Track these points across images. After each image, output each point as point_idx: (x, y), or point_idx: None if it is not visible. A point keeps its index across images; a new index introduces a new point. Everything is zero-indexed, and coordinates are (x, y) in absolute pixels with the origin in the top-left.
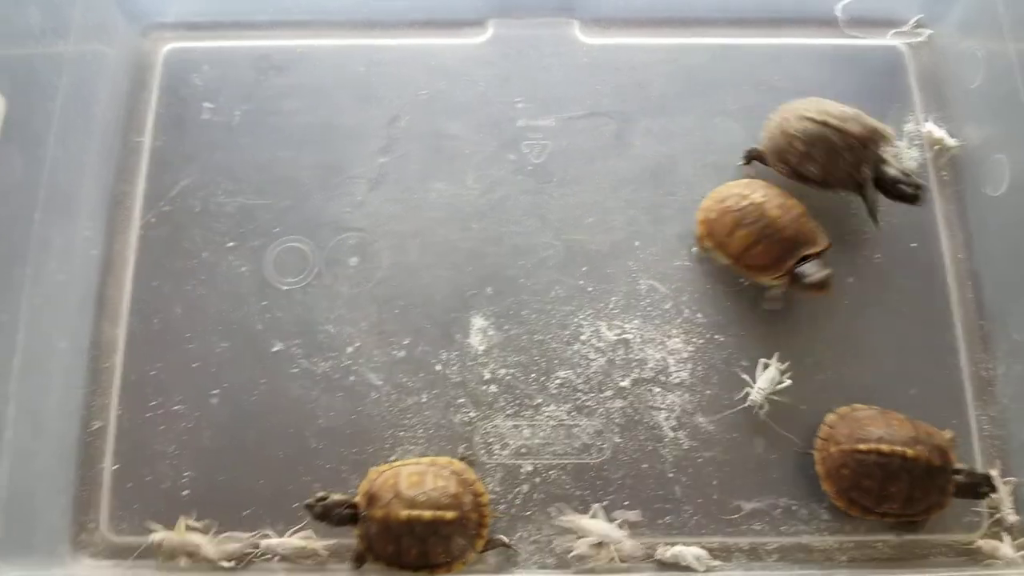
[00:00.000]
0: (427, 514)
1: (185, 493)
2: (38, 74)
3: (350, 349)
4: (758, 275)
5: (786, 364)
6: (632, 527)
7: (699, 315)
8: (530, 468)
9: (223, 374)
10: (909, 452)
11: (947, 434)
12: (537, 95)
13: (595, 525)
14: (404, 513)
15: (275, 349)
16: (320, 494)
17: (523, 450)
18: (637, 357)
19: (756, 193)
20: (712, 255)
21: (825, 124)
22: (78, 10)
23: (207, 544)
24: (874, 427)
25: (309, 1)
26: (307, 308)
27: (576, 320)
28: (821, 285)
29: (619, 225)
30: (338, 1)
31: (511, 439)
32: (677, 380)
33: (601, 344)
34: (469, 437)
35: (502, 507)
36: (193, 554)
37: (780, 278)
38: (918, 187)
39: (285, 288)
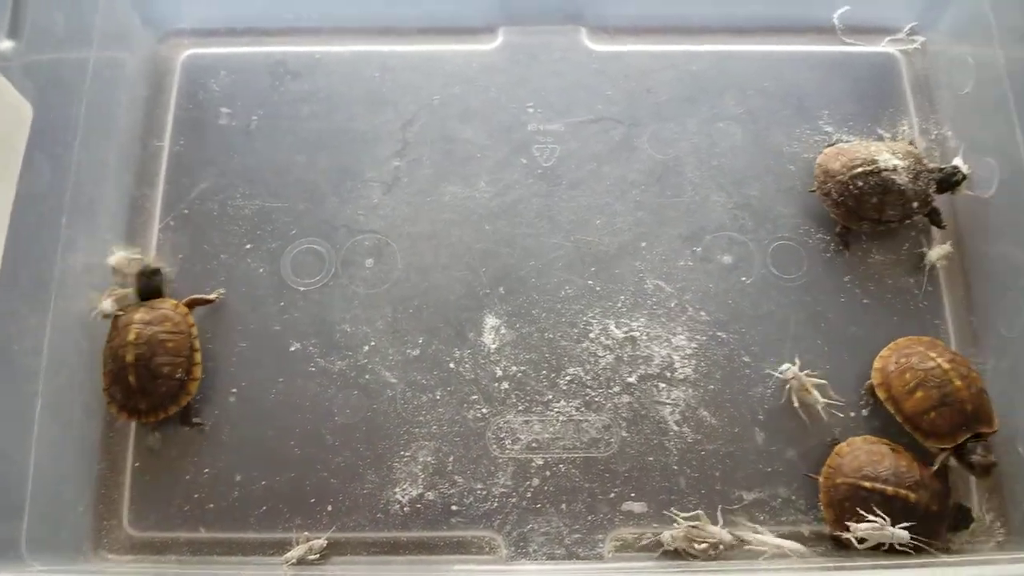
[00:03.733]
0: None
1: (204, 490)
2: (62, 81)
3: (366, 348)
4: (926, 439)
5: (791, 362)
6: (637, 518)
7: (702, 313)
8: (540, 462)
9: (241, 373)
10: (912, 497)
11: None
12: (547, 100)
13: (771, 539)
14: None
15: (292, 348)
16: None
17: (534, 444)
18: (643, 354)
19: (942, 357)
20: (880, 403)
21: (881, 171)
22: (99, 17)
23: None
24: (882, 466)
25: (324, 8)
26: (323, 308)
27: (585, 318)
28: (987, 470)
29: (626, 227)
30: (352, 8)
31: (522, 434)
32: (682, 376)
33: (609, 341)
34: (482, 433)
35: (513, 500)
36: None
37: (946, 449)
38: (957, 169)
39: (302, 289)
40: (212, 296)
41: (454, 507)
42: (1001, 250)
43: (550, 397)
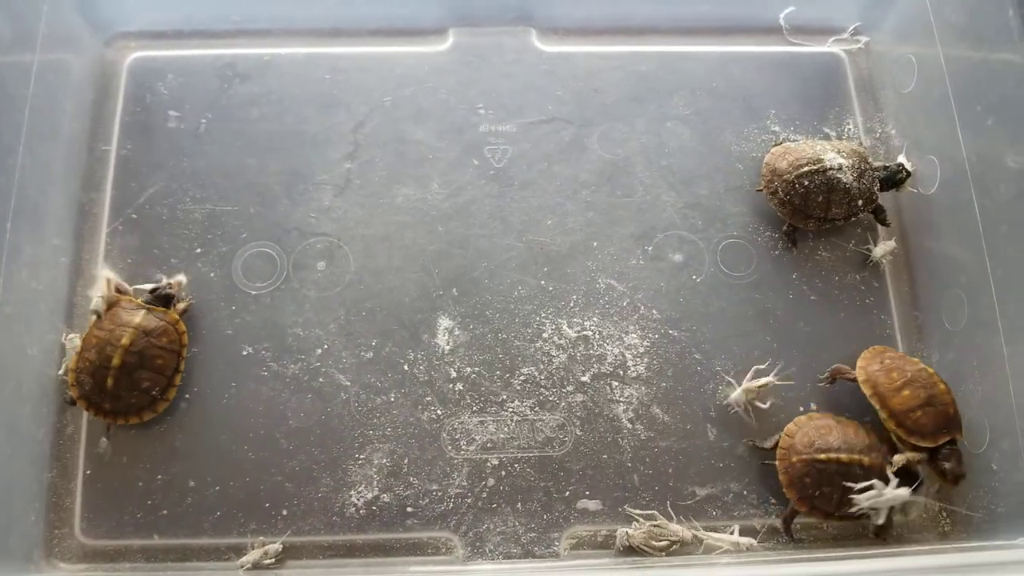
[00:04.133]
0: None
1: (157, 496)
2: (6, 85)
3: (319, 351)
4: (908, 436)
5: (733, 368)
6: (592, 516)
7: (654, 311)
8: (495, 462)
9: (193, 378)
10: (865, 460)
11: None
12: (498, 101)
13: (728, 539)
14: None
15: (245, 353)
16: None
17: (489, 445)
18: (596, 353)
19: (917, 361)
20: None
21: (826, 169)
22: (44, 21)
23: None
24: (831, 436)
25: (273, 10)
26: (276, 312)
27: (538, 318)
28: (957, 479)
29: (577, 226)
30: (302, 10)
31: (477, 435)
32: (634, 374)
33: (562, 341)
34: (437, 434)
35: (469, 500)
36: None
37: (924, 449)
38: (901, 167)
39: (253, 293)
40: (185, 303)
41: (410, 509)
42: (943, 247)
43: (504, 397)
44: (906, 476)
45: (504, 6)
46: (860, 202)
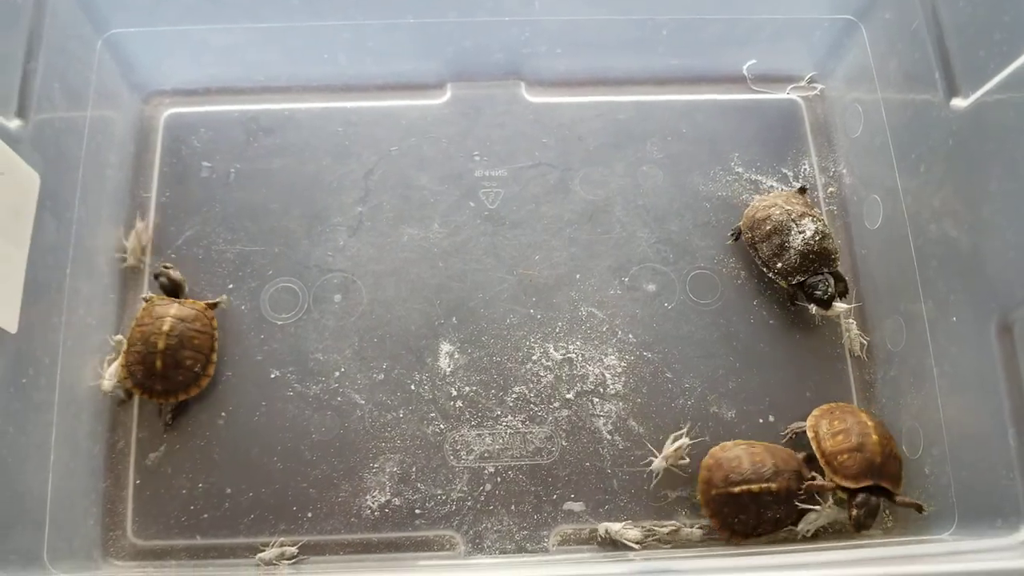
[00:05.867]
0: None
1: (199, 502)
2: (63, 147)
3: (337, 374)
4: (834, 475)
5: (700, 386)
6: (577, 516)
7: (630, 336)
8: (492, 470)
9: (228, 399)
10: (773, 487)
11: (800, 455)
12: (491, 149)
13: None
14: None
15: (273, 376)
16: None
17: (486, 455)
18: (579, 373)
19: (871, 420)
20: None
21: (794, 231)
22: (92, 85)
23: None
24: (742, 468)
25: (292, 69)
26: (299, 340)
27: (528, 343)
28: (859, 526)
29: (562, 260)
30: (317, 69)
31: (475, 446)
32: (613, 391)
33: (549, 363)
34: (440, 445)
35: (469, 503)
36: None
37: (846, 489)
38: (827, 293)
39: (279, 323)
40: (219, 300)
41: (417, 511)
42: (886, 277)
43: (499, 413)
44: (812, 497)
45: (495, 63)
46: (818, 264)
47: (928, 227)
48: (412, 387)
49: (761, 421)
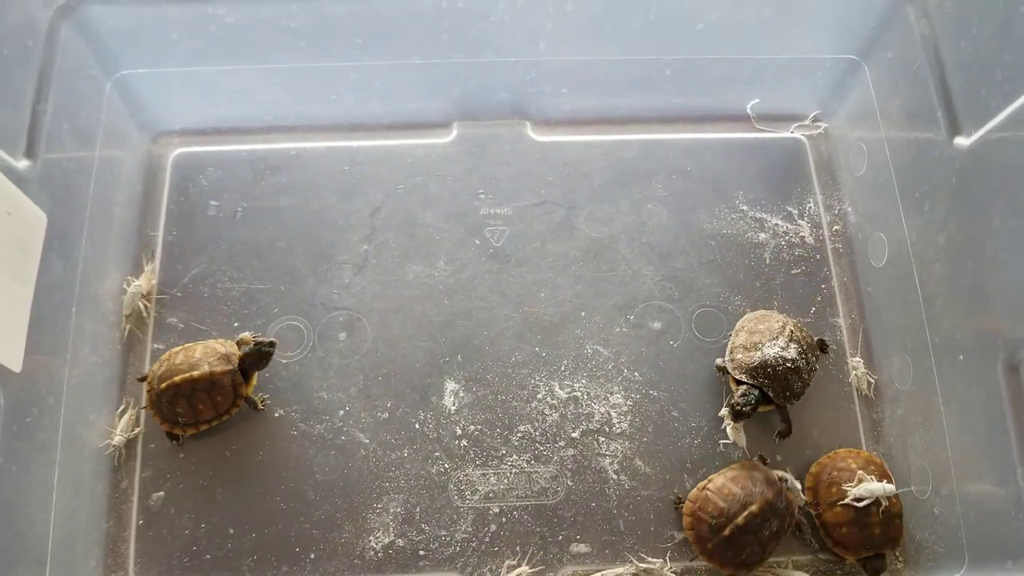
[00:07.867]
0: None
1: (202, 543)
2: (71, 187)
3: (341, 413)
4: (834, 545)
5: (707, 424)
6: (583, 557)
7: (636, 374)
8: (496, 510)
9: (232, 438)
10: (755, 508)
11: (779, 473)
12: (496, 187)
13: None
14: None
15: (277, 415)
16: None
17: (490, 495)
18: (585, 411)
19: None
20: (800, 497)
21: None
22: (101, 125)
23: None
24: (719, 507)
25: (299, 109)
26: (303, 378)
27: (533, 381)
28: (882, 571)
29: (567, 298)
30: (324, 108)
31: (480, 486)
32: (619, 430)
33: (554, 401)
34: (445, 485)
35: (474, 544)
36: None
37: (847, 557)
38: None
39: (284, 361)
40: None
41: (422, 552)
42: (893, 315)
43: (504, 452)
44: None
45: (501, 102)
46: (767, 384)
47: (933, 265)
48: (416, 426)
49: (768, 462)
